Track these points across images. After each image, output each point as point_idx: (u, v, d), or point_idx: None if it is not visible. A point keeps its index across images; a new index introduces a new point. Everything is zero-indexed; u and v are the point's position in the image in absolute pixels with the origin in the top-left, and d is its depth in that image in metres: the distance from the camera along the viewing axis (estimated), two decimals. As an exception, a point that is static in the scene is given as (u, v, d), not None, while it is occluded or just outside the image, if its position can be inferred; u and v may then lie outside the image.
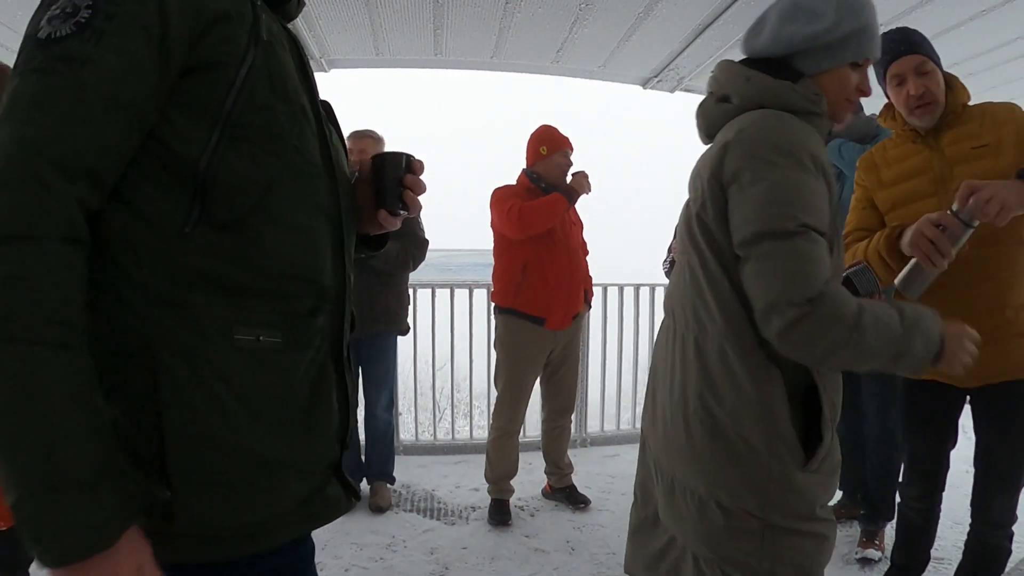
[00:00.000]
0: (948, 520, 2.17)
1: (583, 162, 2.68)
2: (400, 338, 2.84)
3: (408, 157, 0.85)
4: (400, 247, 2.61)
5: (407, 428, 3.95)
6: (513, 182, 2.68)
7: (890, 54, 1.49)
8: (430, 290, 3.50)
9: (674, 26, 2.90)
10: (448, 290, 3.51)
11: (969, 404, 1.64)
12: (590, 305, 2.91)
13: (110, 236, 0.63)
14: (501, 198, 2.58)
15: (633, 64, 3.40)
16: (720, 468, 0.98)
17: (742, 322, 0.97)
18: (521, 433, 2.97)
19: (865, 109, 2.30)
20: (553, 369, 2.78)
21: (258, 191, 0.67)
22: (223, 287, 0.66)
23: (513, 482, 2.74)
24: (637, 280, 3.80)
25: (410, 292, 2.95)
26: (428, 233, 2.77)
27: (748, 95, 1.03)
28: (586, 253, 2.79)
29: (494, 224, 2.63)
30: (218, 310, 0.65)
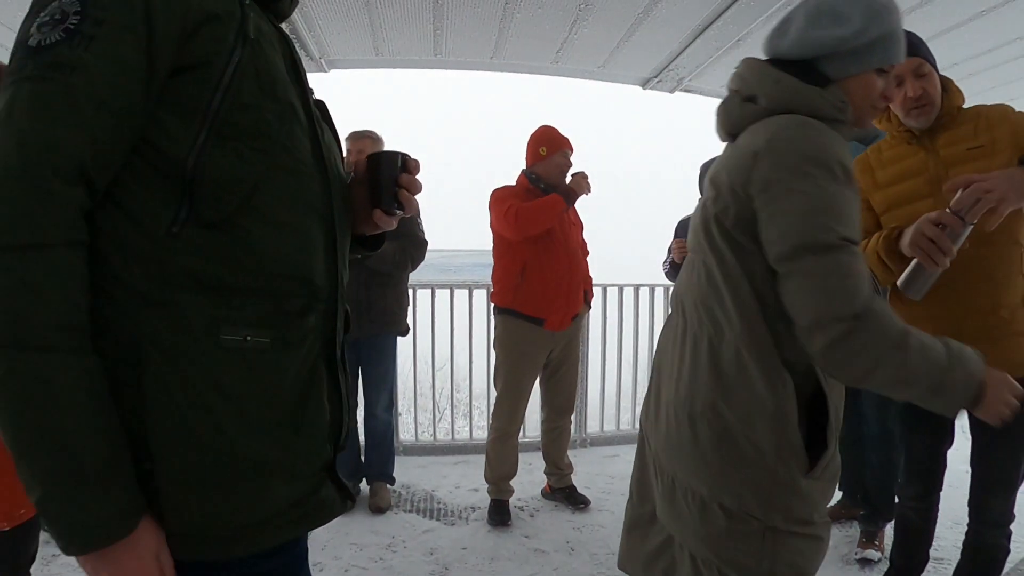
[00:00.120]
0: (948, 520, 2.17)
1: (583, 162, 2.68)
2: (400, 338, 2.83)
3: (403, 156, 0.85)
4: (399, 247, 2.61)
5: (407, 428, 3.95)
6: (513, 183, 2.68)
7: None
8: (430, 290, 3.49)
9: (674, 27, 2.90)
10: (448, 290, 3.51)
11: None
12: (590, 305, 2.91)
13: (100, 237, 0.63)
14: (500, 199, 2.58)
15: (633, 64, 3.40)
16: (725, 470, 0.98)
17: (760, 327, 0.96)
18: (521, 433, 2.98)
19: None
20: (553, 369, 2.78)
21: (245, 189, 0.67)
22: (210, 287, 0.66)
23: (513, 482, 2.74)
24: (637, 280, 3.80)
25: (410, 292, 2.95)
26: (428, 234, 2.77)
27: (776, 98, 1.00)
28: (586, 254, 2.78)
29: (493, 225, 2.63)
30: (205, 310, 0.65)
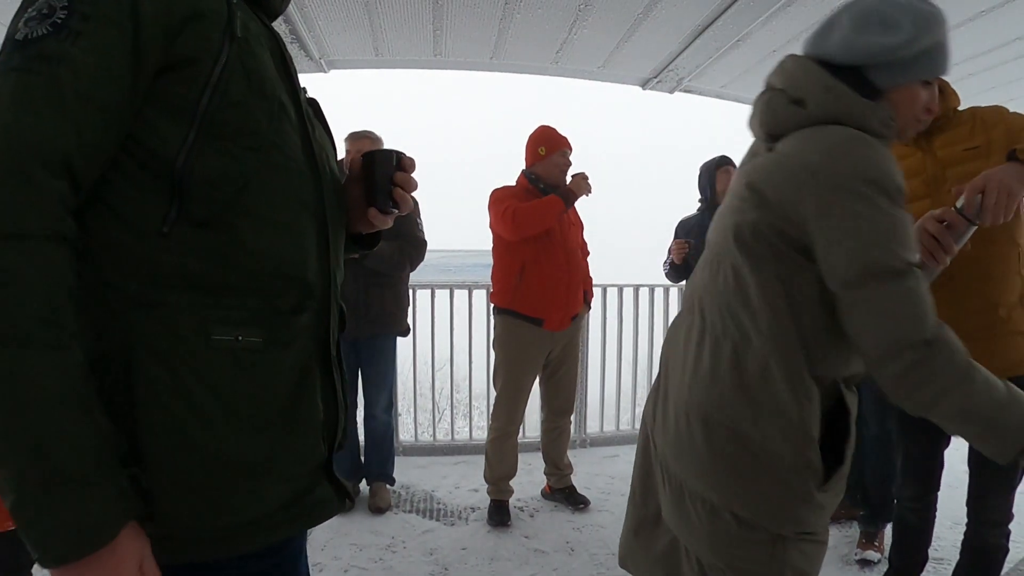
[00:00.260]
0: (947, 520, 2.17)
1: (583, 163, 2.68)
2: (400, 339, 2.83)
3: (398, 154, 0.85)
4: (397, 248, 2.61)
5: (406, 429, 3.95)
6: (513, 183, 2.68)
7: None
8: (429, 291, 3.50)
9: (673, 27, 2.90)
10: (448, 291, 3.51)
11: None
12: (589, 306, 2.91)
13: (90, 238, 0.63)
14: (498, 199, 2.58)
15: (632, 65, 3.39)
16: (739, 480, 0.97)
17: (793, 341, 0.94)
18: (520, 434, 2.98)
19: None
20: (552, 370, 2.78)
21: (235, 187, 0.67)
22: (201, 286, 0.65)
23: (512, 483, 2.74)
24: (637, 280, 3.80)
25: (410, 293, 2.95)
26: (428, 234, 2.77)
27: (827, 106, 0.97)
28: (586, 254, 2.78)
29: (492, 225, 2.63)
30: (196, 310, 0.65)
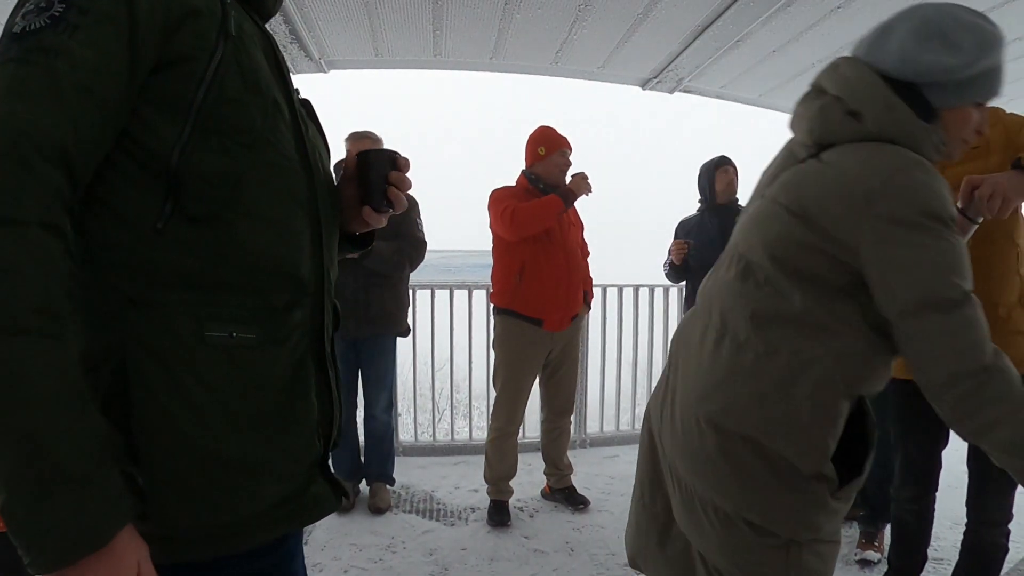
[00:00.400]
0: (947, 520, 2.17)
1: (583, 163, 2.68)
2: (400, 339, 2.83)
3: (393, 154, 0.85)
4: (396, 248, 2.61)
5: (406, 429, 3.94)
6: (512, 183, 2.68)
7: None
8: (429, 291, 3.50)
9: (673, 27, 2.90)
10: (447, 291, 3.51)
11: None
12: (589, 306, 2.91)
13: (86, 237, 0.63)
14: (498, 199, 2.58)
15: (632, 65, 3.39)
16: (754, 489, 0.96)
17: (827, 358, 0.93)
18: (520, 434, 2.98)
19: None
20: (552, 370, 2.78)
21: (230, 184, 0.67)
22: (196, 283, 0.66)
23: (512, 483, 2.74)
24: (637, 280, 3.80)
25: (409, 293, 2.95)
26: (428, 234, 2.77)
27: (885, 125, 0.95)
28: (586, 254, 2.78)
29: (491, 225, 2.63)
30: (190, 307, 0.65)
